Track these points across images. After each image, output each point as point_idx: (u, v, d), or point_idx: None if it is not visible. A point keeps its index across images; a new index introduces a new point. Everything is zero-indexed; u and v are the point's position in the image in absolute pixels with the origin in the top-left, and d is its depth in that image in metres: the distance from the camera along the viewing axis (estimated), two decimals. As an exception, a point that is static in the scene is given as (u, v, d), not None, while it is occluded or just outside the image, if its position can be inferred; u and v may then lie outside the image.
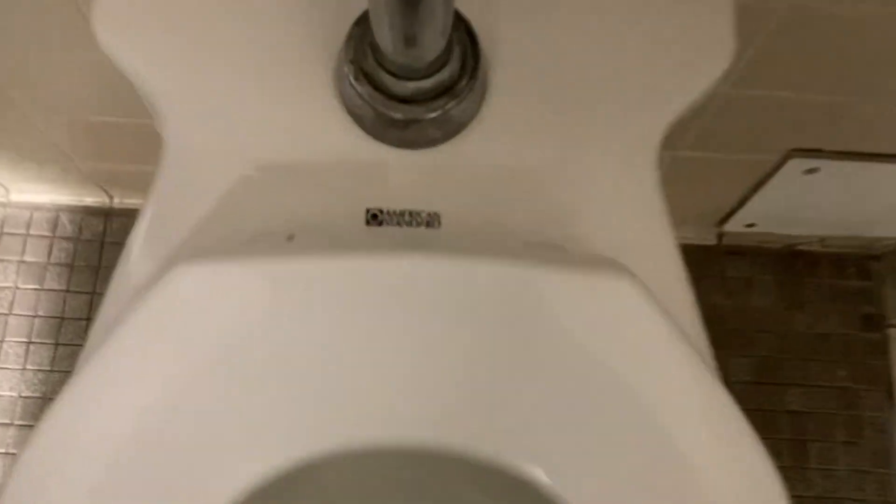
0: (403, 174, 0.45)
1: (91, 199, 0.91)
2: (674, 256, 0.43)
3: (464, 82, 0.43)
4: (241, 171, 0.44)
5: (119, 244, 0.47)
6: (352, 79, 0.42)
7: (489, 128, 0.45)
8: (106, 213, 0.91)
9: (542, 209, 0.45)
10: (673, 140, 0.49)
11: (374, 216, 0.44)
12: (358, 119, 0.44)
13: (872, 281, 0.98)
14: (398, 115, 0.43)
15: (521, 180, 0.45)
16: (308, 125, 0.45)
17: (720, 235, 0.96)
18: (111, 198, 0.91)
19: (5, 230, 0.90)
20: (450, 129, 0.45)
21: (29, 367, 0.86)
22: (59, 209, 0.91)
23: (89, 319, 0.90)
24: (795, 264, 0.98)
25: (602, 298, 0.37)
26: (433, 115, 0.43)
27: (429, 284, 0.36)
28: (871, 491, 0.91)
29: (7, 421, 0.84)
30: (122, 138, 0.77)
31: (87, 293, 0.89)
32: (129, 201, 0.91)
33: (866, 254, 0.99)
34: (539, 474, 0.36)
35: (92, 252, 0.90)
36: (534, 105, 0.45)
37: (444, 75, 0.42)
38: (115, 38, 0.45)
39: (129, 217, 0.44)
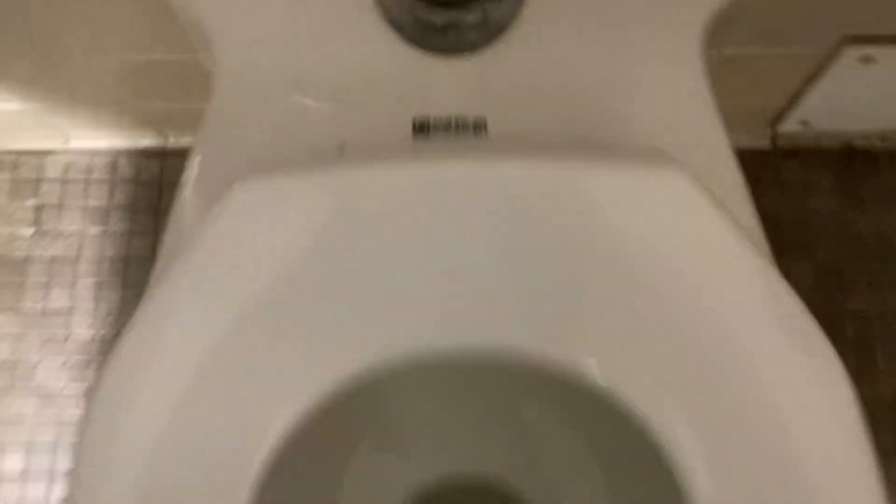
0: (447, 81, 0.45)
1: (147, 140, 0.93)
2: (725, 150, 0.42)
3: (500, -21, 0.43)
4: (284, 90, 0.45)
5: (176, 184, 0.49)
6: (390, -14, 0.43)
7: (530, 29, 0.45)
8: (161, 154, 0.94)
9: (589, 110, 0.44)
10: (719, 37, 0.48)
11: (422, 127, 0.44)
12: (398, 28, 0.45)
13: (938, 177, 0.95)
14: (438, 21, 0.43)
15: (565, 81, 0.45)
16: (349, 38, 0.45)
17: (774, 138, 0.94)
18: (166, 138, 0.93)
19: (70, 175, 0.93)
20: (489, 33, 0.44)
21: (102, 307, 0.90)
22: (118, 153, 0.94)
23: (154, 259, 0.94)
24: (854, 164, 0.95)
25: (652, 190, 0.37)
26: (472, 17, 0.43)
27: (481, 188, 0.37)
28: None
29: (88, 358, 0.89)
30: (170, 76, 0.78)
31: (150, 233, 0.92)
32: (184, 140, 0.93)
33: (930, 149, 0.95)
34: (591, 365, 0.36)
35: (152, 194, 0.93)
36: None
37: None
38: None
39: (184, 157, 0.46)
